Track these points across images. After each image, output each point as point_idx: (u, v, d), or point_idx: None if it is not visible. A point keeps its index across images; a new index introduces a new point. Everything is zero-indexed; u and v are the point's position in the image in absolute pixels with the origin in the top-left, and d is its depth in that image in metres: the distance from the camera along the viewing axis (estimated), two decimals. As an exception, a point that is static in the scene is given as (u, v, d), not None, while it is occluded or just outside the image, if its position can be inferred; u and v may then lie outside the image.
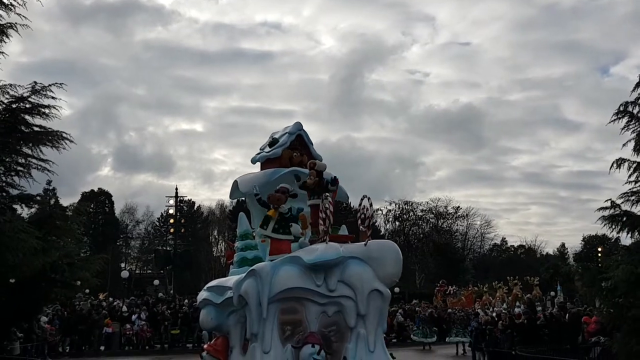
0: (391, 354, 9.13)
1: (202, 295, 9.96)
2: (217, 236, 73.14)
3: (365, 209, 8.78)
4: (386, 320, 9.10)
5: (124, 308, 28.00)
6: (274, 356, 8.22)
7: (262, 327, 8.32)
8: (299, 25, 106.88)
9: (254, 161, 11.49)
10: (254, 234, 10.08)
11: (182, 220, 50.51)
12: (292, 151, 11.03)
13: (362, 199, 8.88)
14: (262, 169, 11.21)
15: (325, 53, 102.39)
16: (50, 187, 47.05)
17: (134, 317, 26.86)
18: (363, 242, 8.77)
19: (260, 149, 11.57)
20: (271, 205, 8.97)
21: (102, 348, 25.61)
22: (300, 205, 9.22)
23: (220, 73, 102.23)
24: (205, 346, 9.69)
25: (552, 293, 38.66)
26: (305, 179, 9.37)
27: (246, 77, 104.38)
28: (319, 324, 8.55)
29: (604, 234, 51.29)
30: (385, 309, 8.92)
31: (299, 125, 11.26)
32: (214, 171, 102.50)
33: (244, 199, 12.07)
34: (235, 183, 11.29)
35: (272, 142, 11.20)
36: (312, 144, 11.36)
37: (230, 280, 9.23)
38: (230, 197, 12.04)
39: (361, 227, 8.87)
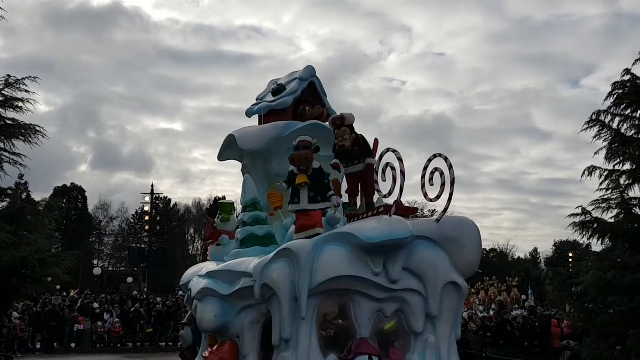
0: None
1: (201, 283, 7.50)
2: (193, 234, 72.74)
3: (439, 172, 6.42)
4: (460, 323, 6.93)
5: (95, 305, 27.67)
6: None
7: (296, 330, 6.09)
8: (279, 31, 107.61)
9: (250, 113, 8.90)
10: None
11: (158, 218, 49.87)
12: (303, 102, 8.60)
13: (430, 160, 6.45)
14: (262, 123, 8.63)
15: (306, 58, 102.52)
16: (23, 182, 46.21)
17: (106, 315, 26.53)
18: (435, 218, 6.73)
19: (258, 99, 9.02)
20: (295, 170, 6.63)
21: (72, 345, 25.26)
22: (327, 171, 7.01)
23: (200, 74, 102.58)
24: (205, 354, 7.44)
25: (524, 297, 39.20)
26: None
27: (227, 78, 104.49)
28: (372, 327, 6.36)
29: (575, 240, 52.36)
30: (461, 308, 6.80)
31: (311, 70, 8.67)
32: (192, 171, 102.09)
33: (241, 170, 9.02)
34: (231, 138, 8.48)
35: (277, 90, 8.59)
36: (325, 95, 8.88)
37: (244, 263, 6.93)
38: (220, 157, 9.24)
39: (428, 195, 6.63)
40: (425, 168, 6.48)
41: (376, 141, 7.26)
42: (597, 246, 13.80)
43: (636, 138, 12.58)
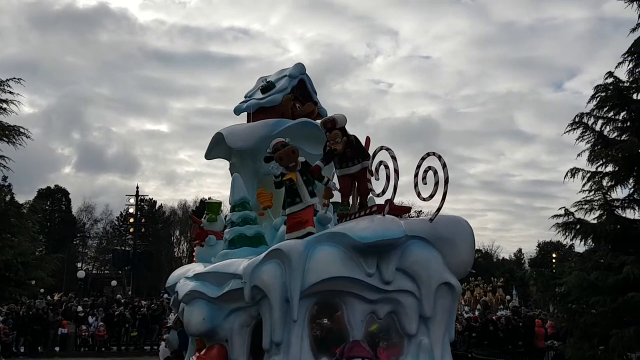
0: None
1: (188, 285, 7.23)
2: (179, 236, 72.34)
3: (431, 170, 6.27)
4: (454, 325, 6.85)
5: (79, 308, 27.42)
6: None
7: (287, 333, 5.93)
8: (267, 33, 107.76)
9: (238, 111, 8.66)
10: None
11: (143, 220, 49.59)
12: (292, 99, 8.38)
13: (422, 159, 6.30)
14: (251, 120, 8.49)
15: (293, 60, 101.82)
16: (6, 184, 45.73)
17: (91, 318, 26.31)
18: (428, 217, 6.60)
19: (246, 96, 8.89)
20: (283, 170, 6.40)
21: (56, 349, 25.03)
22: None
23: (186, 75, 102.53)
24: (192, 358, 7.20)
25: (508, 297, 39.54)
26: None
27: (213, 80, 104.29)
28: (365, 329, 6.21)
29: (559, 241, 52.87)
30: (454, 309, 6.71)
31: (301, 68, 8.58)
32: (178, 172, 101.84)
33: (230, 170, 8.81)
34: (219, 136, 8.30)
35: (267, 87, 8.54)
36: (315, 92, 8.71)
37: (233, 264, 6.74)
38: (207, 155, 9.04)
39: (422, 194, 6.38)
40: (419, 167, 6.31)
41: (367, 139, 7.13)
42: (580, 247, 13.93)
43: (618, 140, 12.72)
